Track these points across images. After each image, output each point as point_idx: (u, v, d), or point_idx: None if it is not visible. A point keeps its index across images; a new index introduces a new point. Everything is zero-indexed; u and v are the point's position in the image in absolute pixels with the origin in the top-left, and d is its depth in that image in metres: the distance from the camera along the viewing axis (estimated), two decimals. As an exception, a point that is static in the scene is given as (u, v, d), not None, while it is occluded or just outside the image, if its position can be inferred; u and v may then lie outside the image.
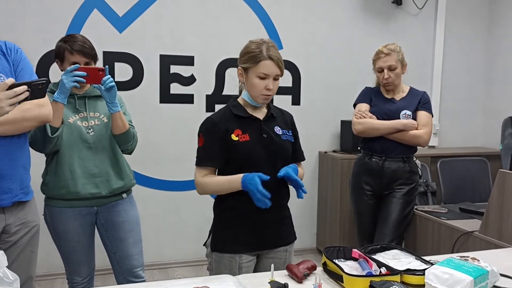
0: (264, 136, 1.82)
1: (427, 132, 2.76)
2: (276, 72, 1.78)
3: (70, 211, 2.13)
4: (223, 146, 1.78)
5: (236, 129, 1.79)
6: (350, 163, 3.62)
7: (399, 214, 2.78)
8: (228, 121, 1.81)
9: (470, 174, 3.92)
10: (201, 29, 3.68)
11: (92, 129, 2.14)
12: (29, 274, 1.88)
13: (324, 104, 4.08)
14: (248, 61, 1.78)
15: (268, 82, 1.77)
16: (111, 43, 3.45)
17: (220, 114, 1.84)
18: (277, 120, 1.89)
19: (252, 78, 1.78)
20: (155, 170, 3.67)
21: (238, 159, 1.78)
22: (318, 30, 4.01)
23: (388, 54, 2.75)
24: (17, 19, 3.27)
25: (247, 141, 1.79)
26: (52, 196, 2.14)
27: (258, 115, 1.86)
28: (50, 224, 2.16)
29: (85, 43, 2.11)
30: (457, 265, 1.49)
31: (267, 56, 1.76)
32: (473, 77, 4.58)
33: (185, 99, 3.69)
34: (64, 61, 2.10)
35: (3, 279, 1.17)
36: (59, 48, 2.11)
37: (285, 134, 1.89)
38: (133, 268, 2.26)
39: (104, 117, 2.18)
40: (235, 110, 1.83)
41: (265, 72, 1.76)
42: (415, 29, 4.30)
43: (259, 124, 1.83)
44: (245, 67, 1.80)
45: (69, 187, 2.09)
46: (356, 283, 1.47)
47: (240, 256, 1.81)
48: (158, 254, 3.70)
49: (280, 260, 1.88)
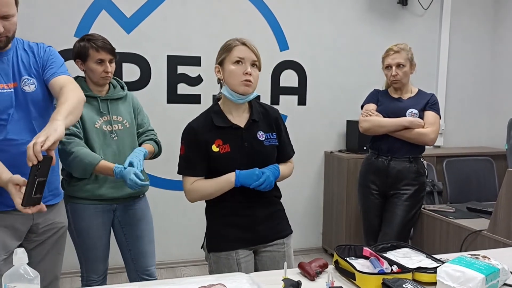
0: (245, 145, 1.79)
1: (433, 130, 2.75)
2: (252, 57, 1.75)
3: (92, 208, 2.17)
4: (204, 157, 1.77)
5: (216, 139, 1.76)
6: (356, 163, 3.64)
7: (404, 216, 2.78)
8: (209, 131, 1.77)
9: (475, 173, 3.93)
10: (208, 30, 3.70)
11: (116, 134, 2.18)
12: (55, 274, 1.89)
13: (330, 104, 4.10)
14: (222, 54, 1.79)
15: (245, 67, 1.74)
16: (119, 44, 3.43)
17: (201, 122, 1.80)
18: (259, 124, 1.84)
19: (228, 66, 1.75)
20: (162, 170, 3.69)
21: (219, 170, 1.77)
22: (324, 31, 4.02)
23: (398, 52, 2.77)
24: (26, 20, 3.28)
25: (228, 152, 1.77)
26: (75, 195, 2.16)
27: (240, 122, 1.81)
28: (72, 220, 2.18)
29: (105, 40, 2.17)
30: (469, 263, 1.50)
31: (240, 43, 1.77)
32: (478, 77, 4.59)
33: (192, 99, 3.71)
34: (88, 59, 2.13)
35: (24, 276, 1.19)
36: (83, 47, 2.13)
37: (269, 139, 1.84)
38: (148, 266, 2.29)
39: (126, 122, 2.22)
40: (216, 119, 1.78)
41: (240, 55, 1.74)
42: (420, 30, 4.31)
43: (240, 132, 1.79)
44: (220, 59, 1.79)
45: (93, 190, 2.14)
46: (369, 281, 1.48)
47: (237, 252, 1.81)
48: (165, 253, 3.72)
49: (279, 253, 1.88)
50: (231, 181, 1.74)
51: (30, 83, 1.74)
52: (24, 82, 1.72)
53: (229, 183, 1.74)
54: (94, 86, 2.19)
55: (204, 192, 1.79)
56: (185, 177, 1.82)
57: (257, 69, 1.79)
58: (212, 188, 1.77)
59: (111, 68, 2.17)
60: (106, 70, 2.14)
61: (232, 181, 1.74)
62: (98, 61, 2.12)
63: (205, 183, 1.79)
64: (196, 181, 1.79)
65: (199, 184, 1.79)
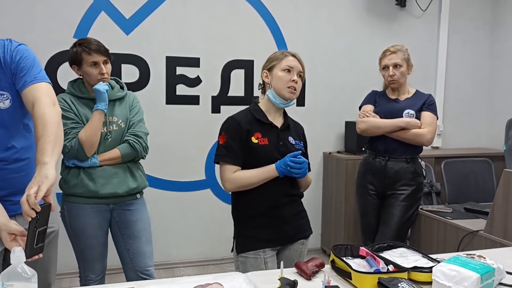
0: (280, 143, 1.91)
1: (430, 131, 2.76)
2: (299, 68, 1.92)
3: (89, 208, 2.18)
4: (244, 147, 1.86)
5: (256, 132, 1.88)
6: (354, 163, 3.65)
7: (401, 217, 2.79)
8: (250, 124, 1.89)
9: (474, 174, 3.94)
10: (207, 31, 3.71)
11: (111, 135, 2.19)
12: (47, 281, 1.83)
13: (329, 105, 4.11)
14: (272, 61, 1.94)
15: (293, 75, 1.89)
16: (118, 45, 3.48)
17: (242, 116, 1.92)
18: (291, 130, 2.00)
19: (278, 72, 1.90)
20: (161, 171, 3.70)
21: (256, 161, 1.86)
22: (322, 32, 4.04)
23: (394, 52, 2.79)
24: (25, 21, 3.30)
25: (266, 144, 1.87)
26: (71, 193, 2.18)
27: (277, 123, 1.95)
28: (68, 220, 2.20)
29: (99, 43, 2.17)
30: (464, 262, 1.51)
31: (290, 55, 1.94)
32: (476, 79, 4.60)
33: (191, 101, 3.73)
34: (83, 63, 2.13)
35: (21, 274, 1.19)
36: (76, 52, 2.13)
37: (298, 144, 1.99)
38: (146, 266, 2.30)
39: (122, 123, 2.23)
40: (257, 114, 1.92)
41: (290, 65, 1.90)
42: (419, 31, 4.32)
43: (277, 131, 1.92)
44: (270, 66, 1.93)
45: (89, 187, 2.15)
46: (365, 280, 1.49)
47: (264, 251, 1.87)
48: (164, 253, 3.73)
49: (296, 253, 1.95)
50: (274, 168, 1.83)
51: (4, 99, 1.59)
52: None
53: (272, 171, 1.83)
54: (92, 88, 2.20)
55: (247, 181, 1.86)
56: (225, 166, 1.88)
57: (301, 81, 1.94)
58: (256, 178, 1.85)
59: (107, 69, 2.17)
60: (101, 72, 2.14)
61: (275, 172, 1.84)
62: (92, 64, 2.12)
63: (248, 173, 1.86)
64: (237, 171, 1.86)
65: (241, 174, 1.86)
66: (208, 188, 3.86)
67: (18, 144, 1.67)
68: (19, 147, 1.67)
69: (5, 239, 1.43)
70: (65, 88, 2.25)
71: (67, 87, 2.23)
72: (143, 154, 2.28)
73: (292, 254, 1.94)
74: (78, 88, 2.20)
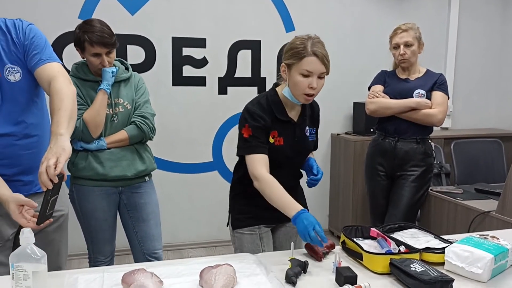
0: (295, 140, 1.84)
1: (441, 111, 2.72)
2: (321, 69, 1.69)
3: (98, 190, 2.17)
4: (267, 142, 1.77)
5: (273, 130, 1.78)
6: (362, 145, 3.62)
7: (411, 198, 2.77)
8: (271, 120, 1.77)
9: (483, 155, 3.90)
10: (213, 11, 3.65)
11: (117, 117, 2.17)
12: (58, 264, 1.82)
13: (337, 86, 4.04)
14: (291, 57, 1.71)
15: (311, 80, 1.69)
16: (123, 26, 3.43)
17: (265, 110, 1.78)
18: (307, 119, 1.90)
19: (295, 75, 1.71)
20: (167, 153, 3.69)
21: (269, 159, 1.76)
22: (330, 11, 3.96)
23: (406, 31, 2.73)
24: (29, 2, 3.26)
25: (281, 145, 1.79)
26: (79, 176, 2.17)
27: (294, 116, 1.84)
28: (77, 202, 2.20)
29: (104, 32, 2.07)
30: (477, 243, 1.49)
31: (311, 52, 1.67)
32: (487, 58, 4.51)
33: (197, 82, 3.69)
34: (85, 51, 2.10)
35: (31, 255, 1.19)
36: (79, 38, 2.08)
37: (312, 134, 1.93)
38: (155, 249, 2.30)
39: (128, 104, 2.21)
40: (276, 110, 1.79)
41: (309, 69, 1.68)
42: (429, 9, 4.23)
43: (293, 127, 1.83)
44: (289, 63, 1.72)
45: (97, 170, 2.13)
46: (376, 261, 1.48)
47: (259, 228, 1.86)
48: (171, 235, 3.74)
49: (294, 229, 1.88)
50: (291, 214, 1.65)
51: (15, 72, 1.61)
52: (8, 71, 1.60)
53: (292, 211, 1.65)
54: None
55: (269, 196, 1.71)
56: (253, 158, 1.74)
57: (323, 79, 1.74)
58: (276, 203, 1.69)
59: (110, 58, 2.12)
60: (102, 63, 2.10)
61: (292, 214, 1.64)
62: (94, 55, 2.08)
63: (276, 190, 1.70)
64: (271, 178, 1.71)
65: (272, 184, 1.70)
66: (215, 170, 3.85)
67: (28, 120, 1.67)
68: (29, 122, 1.67)
69: (14, 211, 1.47)
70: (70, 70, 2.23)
71: (71, 70, 2.20)
72: (151, 135, 2.26)
73: (289, 230, 1.93)
74: (82, 70, 2.17)
